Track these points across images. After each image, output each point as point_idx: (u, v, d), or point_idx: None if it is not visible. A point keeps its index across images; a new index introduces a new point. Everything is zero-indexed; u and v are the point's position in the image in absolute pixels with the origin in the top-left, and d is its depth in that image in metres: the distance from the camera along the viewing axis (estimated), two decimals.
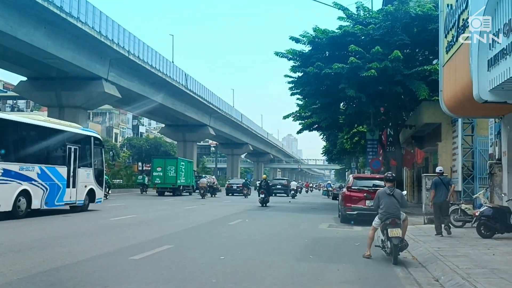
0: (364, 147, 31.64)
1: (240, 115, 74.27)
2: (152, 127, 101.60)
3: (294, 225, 15.43)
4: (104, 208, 19.84)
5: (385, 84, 21.23)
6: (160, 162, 38.05)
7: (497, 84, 8.71)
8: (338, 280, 7.11)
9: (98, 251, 8.84)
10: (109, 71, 36.89)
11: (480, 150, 17.08)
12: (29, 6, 26.70)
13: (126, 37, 36.56)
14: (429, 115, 20.59)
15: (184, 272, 7.29)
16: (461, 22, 10.98)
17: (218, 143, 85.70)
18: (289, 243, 10.97)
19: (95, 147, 19.09)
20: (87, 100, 37.67)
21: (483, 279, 6.48)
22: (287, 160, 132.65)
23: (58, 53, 30.74)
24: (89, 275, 6.92)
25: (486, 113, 13.57)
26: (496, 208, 11.48)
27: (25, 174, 14.82)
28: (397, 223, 8.64)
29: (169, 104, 49.21)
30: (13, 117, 15.95)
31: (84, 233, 11.29)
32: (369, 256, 8.92)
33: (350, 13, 22.75)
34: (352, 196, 16.55)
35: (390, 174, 9.57)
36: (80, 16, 30.17)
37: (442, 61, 12.84)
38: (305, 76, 22.46)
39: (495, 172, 13.56)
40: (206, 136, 68.68)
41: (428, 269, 7.85)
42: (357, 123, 28.90)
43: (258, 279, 7.06)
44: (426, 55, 22.99)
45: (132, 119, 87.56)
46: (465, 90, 10.23)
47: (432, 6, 20.07)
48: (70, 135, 17.69)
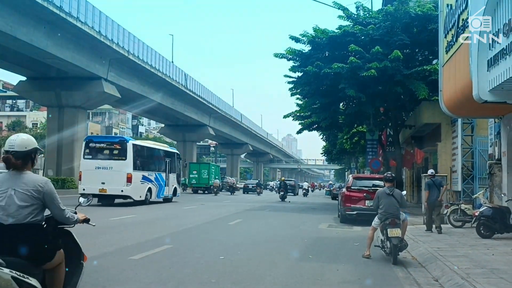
0: (363, 147, 31.64)
1: (239, 115, 74.24)
2: (151, 127, 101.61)
3: (293, 225, 15.43)
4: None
5: (385, 84, 21.23)
6: (195, 167, 47.06)
7: (497, 84, 8.71)
8: (337, 280, 7.11)
9: (99, 251, 8.84)
10: (109, 71, 36.85)
11: (479, 150, 17.09)
12: (29, 6, 26.67)
13: (126, 37, 36.51)
14: (429, 115, 20.58)
15: (183, 272, 7.29)
16: (460, 22, 10.97)
17: (218, 143, 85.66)
18: (289, 243, 10.97)
19: (177, 159, 28.23)
20: (86, 100, 37.62)
21: (483, 279, 6.48)
22: (287, 160, 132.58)
23: (58, 53, 30.70)
24: (89, 275, 6.92)
25: (486, 113, 13.57)
26: (496, 208, 11.48)
27: (149, 178, 23.39)
28: (397, 223, 8.65)
29: (169, 104, 49.19)
30: (143, 143, 25.02)
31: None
32: (369, 256, 8.92)
33: (350, 13, 22.74)
34: (352, 196, 16.55)
35: (389, 174, 9.58)
36: (79, 16, 30.14)
37: (442, 61, 12.84)
38: (305, 76, 22.45)
39: (494, 172, 13.56)
40: (206, 136, 68.65)
41: (428, 269, 7.85)
42: (357, 123, 28.88)
43: (257, 279, 7.06)
44: (426, 55, 23.00)
45: (132, 119, 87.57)
46: (465, 90, 10.22)
47: (432, 6, 20.07)
48: (166, 153, 26.84)
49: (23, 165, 3.84)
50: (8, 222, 3.68)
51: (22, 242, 3.67)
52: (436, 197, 12.91)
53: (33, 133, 53.48)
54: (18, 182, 3.78)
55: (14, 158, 3.80)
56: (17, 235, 3.69)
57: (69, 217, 4.03)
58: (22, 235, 3.70)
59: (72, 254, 4.18)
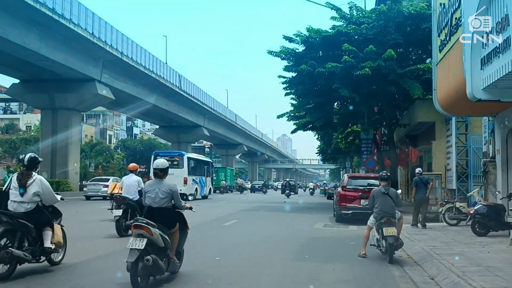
0: (358, 146, 31.67)
1: (234, 115, 74.18)
2: (146, 128, 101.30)
3: (289, 225, 15.42)
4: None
5: (378, 83, 21.26)
6: (213, 170, 53.96)
7: (490, 83, 8.73)
8: (333, 280, 7.10)
9: (95, 253, 8.80)
10: (102, 72, 36.72)
11: (474, 148, 17.14)
12: (21, 8, 26.51)
13: (119, 39, 36.38)
14: (423, 114, 20.65)
15: (179, 273, 7.26)
16: (454, 21, 11.00)
17: (213, 143, 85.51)
18: (285, 243, 10.95)
19: (211, 166, 37.85)
20: (80, 102, 37.47)
21: (478, 277, 6.50)
22: (282, 160, 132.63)
23: (51, 55, 30.56)
24: (84, 278, 6.88)
25: (480, 112, 13.62)
26: (491, 206, 11.51)
27: (196, 180, 31.96)
28: (392, 222, 8.66)
29: (163, 105, 49.09)
30: (193, 155, 34.74)
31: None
32: (365, 255, 8.93)
33: (343, 13, 22.76)
34: (347, 196, 16.56)
35: (384, 173, 9.59)
36: (72, 17, 29.98)
37: (436, 60, 12.87)
38: (299, 76, 22.46)
39: (489, 170, 13.62)
40: (200, 137, 68.54)
41: (424, 268, 7.86)
42: (351, 122, 28.91)
43: (253, 279, 7.05)
44: (420, 54, 23.05)
45: (126, 120, 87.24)
46: (459, 88, 10.25)
47: (425, 5, 20.12)
48: (205, 162, 36.71)
49: (164, 175, 6.91)
50: (154, 206, 6.68)
51: (161, 217, 6.58)
52: (423, 194, 13.76)
53: (26, 136, 53.19)
54: (160, 185, 6.76)
55: (159, 171, 6.87)
56: (159, 213, 6.62)
57: (183, 205, 7.01)
58: (161, 213, 6.63)
59: (182, 226, 6.98)
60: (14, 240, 6.60)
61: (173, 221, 6.74)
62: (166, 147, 71.22)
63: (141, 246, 6.01)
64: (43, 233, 7.02)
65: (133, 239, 6.10)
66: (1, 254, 6.35)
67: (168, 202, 6.70)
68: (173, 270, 6.85)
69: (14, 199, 6.88)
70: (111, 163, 56.69)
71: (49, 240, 7.01)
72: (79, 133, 43.70)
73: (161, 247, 6.30)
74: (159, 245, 6.26)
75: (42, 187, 7.02)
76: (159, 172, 6.85)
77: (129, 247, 6.04)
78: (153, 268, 6.16)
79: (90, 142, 60.43)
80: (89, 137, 66.55)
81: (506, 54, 8.05)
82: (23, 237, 6.74)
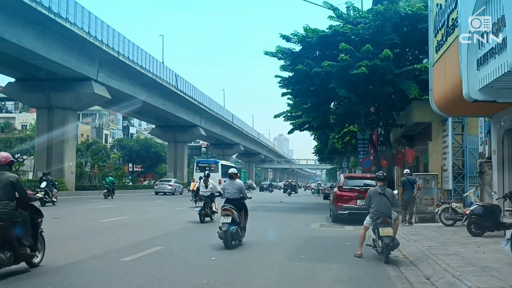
0: (355, 146, 31.70)
1: (231, 115, 74.14)
2: (142, 128, 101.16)
3: (285, 225, 15.42)
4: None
5: (375, 83, 21.28)
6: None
7: (487, 83, 8.74)
8: (329, 280, 7.10)
9: (89, 253, 8.77)
10: (99, 72, 36.59)
11: (470, 148, 17.17)
12: (17, 7, 26.38)
13: (116, 38, 36.26)
14: (420, 114, 20.66)
15: (175, 273, 7.25)
16: (450, 22, 11.01)
17: (209, 143, 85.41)
18: (281, 243, 10.96)
19: (238, 171, 36.94)
20: (76, 101, 37.32)
21: (474, 277, 6.50)
22: (279, 160, 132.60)
23: (47, 54, 30.42)
24: (79, 277, 6.86)
25: (476, 112, 13.64)
26: (486, 207, 11.54)
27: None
28: (388, 222, 8.66)
29: (160, 105, 49.01)
30: (224, 163, 44.18)
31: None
32: (361, 255, 8.93)
33: (340, 13, 22.78)
34: (344, 196, 16.58)
35: (381, 173, 9.59)
36: (68, 16, 29.87)
37: (432, 61, 12.88)
38: (296, 75, 22.46)
39: (485, 171, 13.64)
40: (197, 136, 68.48)
41: (419, 268, 7.87)
42: (348, 122, 28.93)
43: (250, 279, 7.04)
44: (416, 54, 23.09)
45: (122, 120, 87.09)
46: (455, 89, 10.26)
47: (422, 6, 20.13)
48: (228, 166, 40.04)
49: (235, 177, 10.51)
50: (231, 198, 10.27)
51: (235, 203, 10.18)
52: (410, 193, 14.65)
53: (22, 135, 52.98)
54: (233, 184, 10.44)
55: (234, 175, 10.51)
56: (234, 201, 10.21)
57: (247, 197, 10.69)
58: (235, 202, 10.22)
59: (245, 210, 10.60)
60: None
61: (242, 207, 10.34)
62: (163, 146, 71.23)
63: (229, 220, 9.68)
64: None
65: (222, 217, 9.78)
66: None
67: (238, 194, 10.32)
68: (243, 237, 10.45)
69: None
70: (107, 163, 56.58)
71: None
72: (75, 132, 43.54)
73: (237, 222, 9.92)
74: (237, 221, 9.88)
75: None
76: (233, 175, 10.45)
77: (221, 222, 9.76)
78: (236, 234, 9.83)
79: (86, 141, 60.29)
80: (85, 136, 66.37)
81: (502, 55, 8.06)
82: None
